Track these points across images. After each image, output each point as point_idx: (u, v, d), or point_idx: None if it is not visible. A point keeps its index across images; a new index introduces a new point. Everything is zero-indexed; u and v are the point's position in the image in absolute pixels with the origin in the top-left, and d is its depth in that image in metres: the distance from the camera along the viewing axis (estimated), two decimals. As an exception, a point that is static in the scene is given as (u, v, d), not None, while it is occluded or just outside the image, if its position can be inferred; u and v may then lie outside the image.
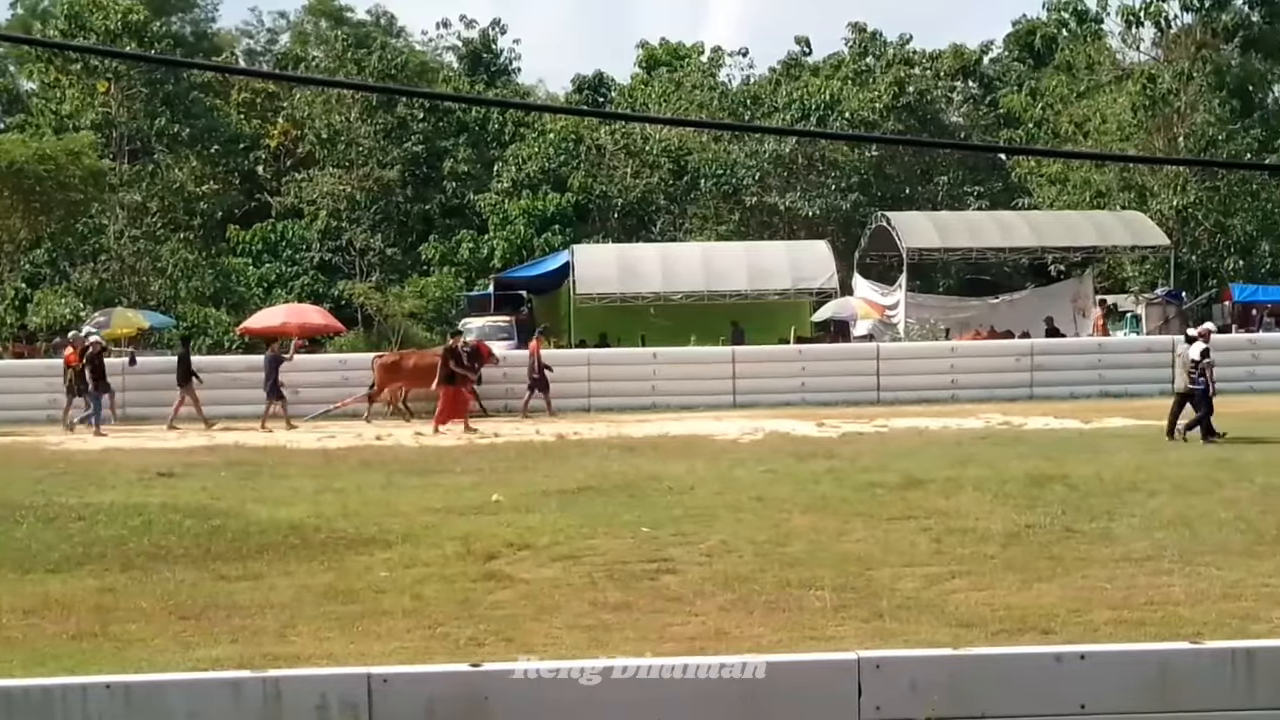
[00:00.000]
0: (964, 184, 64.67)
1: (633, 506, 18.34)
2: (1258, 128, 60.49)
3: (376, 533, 16.69)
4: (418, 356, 34.53)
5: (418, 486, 20.84)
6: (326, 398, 33.65)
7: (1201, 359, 25.46)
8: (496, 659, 10.03)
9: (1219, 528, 16.26)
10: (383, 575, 14.48)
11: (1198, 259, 55.69)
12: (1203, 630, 11.65)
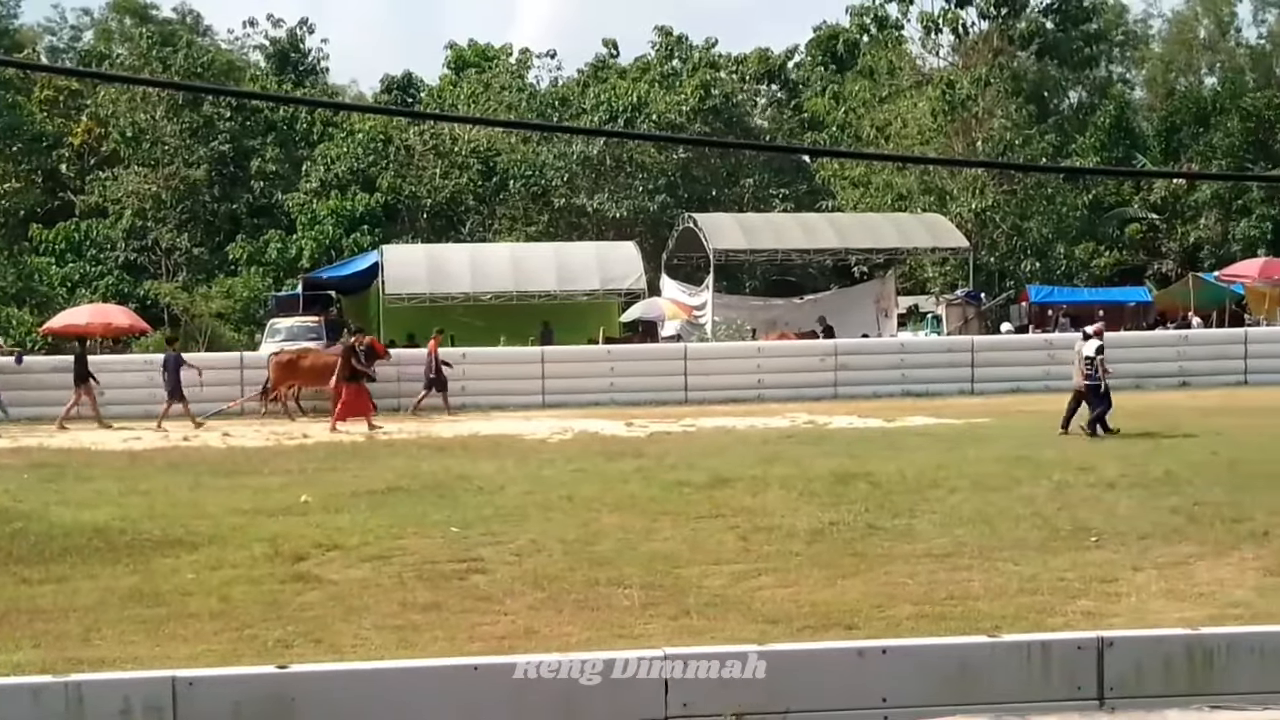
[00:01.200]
0: (769, 186, 65.51)
1: (442, 506, 18.23)
2: (1052, 133, 62.19)
3: (183, 535, 16.36)
4: (314, 355, 34.11)
5: (225, 488, 20.48)
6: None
7: (1096, 356, 25.99)
8: (305, 660, 9.90)
9: (1016, 524, 16.63)
10: (189, 578, 14.21)
11: (996, 261, 57.05)
12: (1001, 624, 11.90)
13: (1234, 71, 78.67)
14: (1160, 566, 14.35)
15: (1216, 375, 34.69)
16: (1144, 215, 65.08)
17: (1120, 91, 76.41)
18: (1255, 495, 18.11)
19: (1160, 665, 8.33)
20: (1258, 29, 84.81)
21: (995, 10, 63.35)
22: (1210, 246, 62.84)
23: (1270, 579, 13.81)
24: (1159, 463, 20.97)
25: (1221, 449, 22.37)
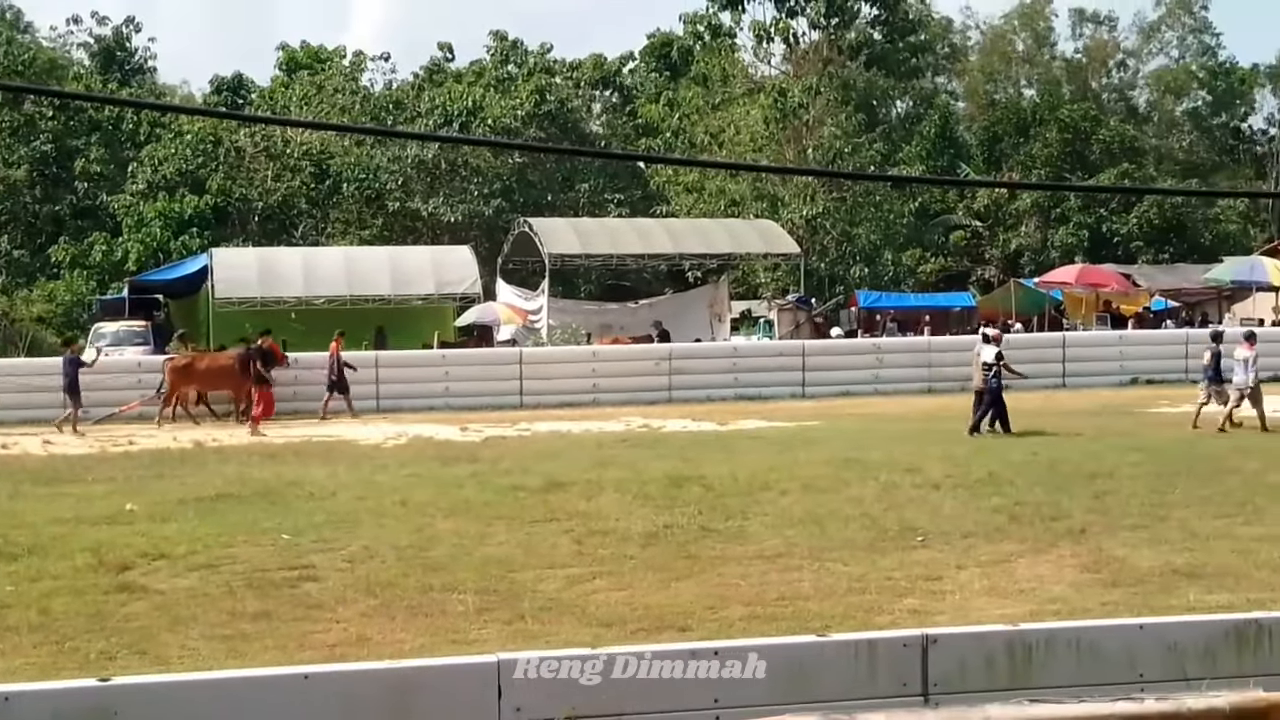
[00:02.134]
0: (604, 191, 65.75)
1: (273, 513, 18.04)
2: (880, 141, 63.21)
3: (1, 545, 16.00)
4: (210, 359, 33.52)
5: (46, 496, 20.05)
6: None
7: (996, 361, 26.49)
8: (129, 673, 9.76)
9: (846, 524, 16.94)
10: (8, 589, 13.93)
11: (826, 266, 57.83)
12: (830, 623, 12.14)
13: (1051, 84, 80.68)
14: (983, 565, 14.73)
15: (1036, 378, 35.42)
16: (968, 223, 66.48)
17: (945, 102, 77.91)
18: (1073, 495, 18.65)
19: (982, 661, 8.57)
20: (1074, 43, 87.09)
21: (825, 21, 64.29)
22: (1030, 253, 64.36)
23: (1087, 575, 14.25)
24: (982, 464, 21.44)
25: (1041, 450, 22.95)
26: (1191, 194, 63.54)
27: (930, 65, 77.47)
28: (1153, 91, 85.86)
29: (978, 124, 75.09)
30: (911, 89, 74.49)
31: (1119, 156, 66.92)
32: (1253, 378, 26.26)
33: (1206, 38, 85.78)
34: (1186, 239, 65.51)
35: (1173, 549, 15.33)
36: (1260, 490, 18.91)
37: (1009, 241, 65.49)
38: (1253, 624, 9.06)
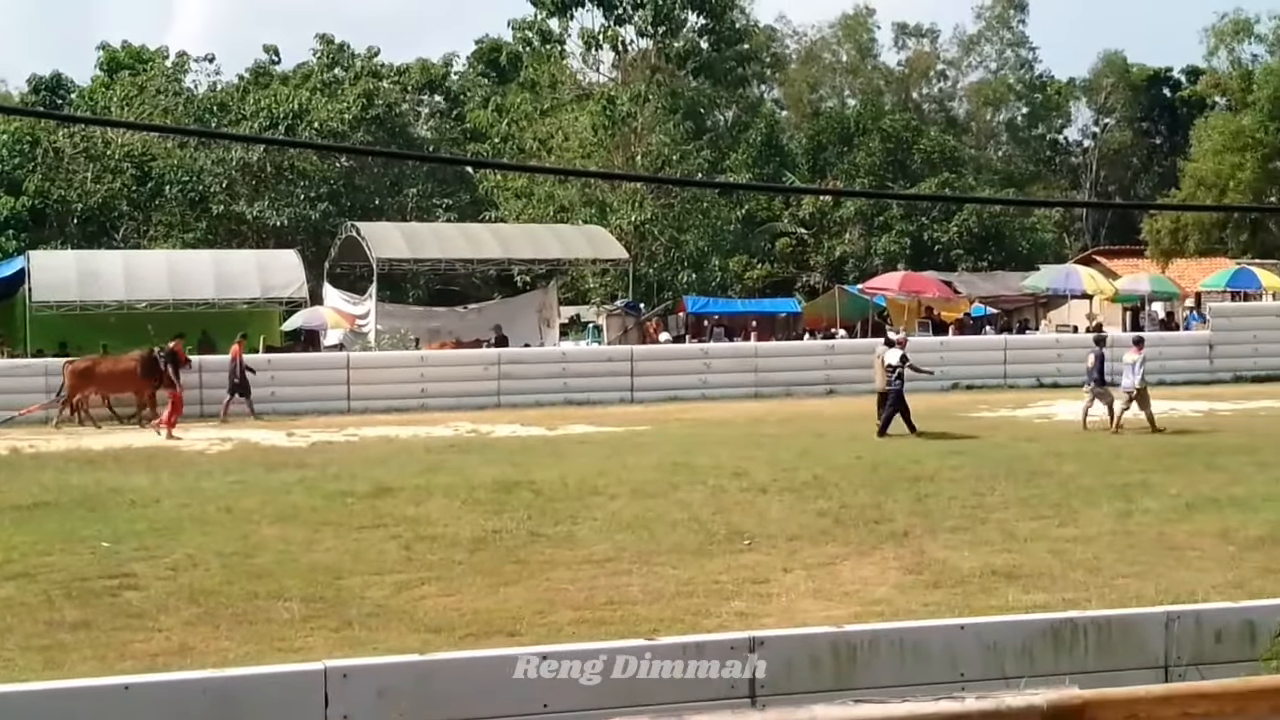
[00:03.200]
0: (433, 196, 65.44)
1: (93, 521, 17.70)
2: (708, 149, 63.73)
3: None
4: (111, 362, 32.62)
5: None
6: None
7: (900, 364, 26.95)
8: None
9: (674, 528, 17.08)
10: None
11: (655, 272, 58.11)
12: (659, 626, 12.25)
13: (873, 94, 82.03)
14: (809, 567, 14.95)
15: (861, 383, 35.92)
16: (793, 230, 67.28)
17: (770, 111, 78.82)
18: (896, 498, 19.01)
19: (808, 662, 8.71)
20: (896, 54, 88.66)
21: (653, 29, 64.64)
22: (854, 260, 65.31)
23: (909, 577, 14.54)
24: (808, 468, 21.74)
25: (865, 453, 23.34)
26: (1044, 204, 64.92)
27: (756, 74, 78.29)
28: (972, 103, 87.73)
29: (802, 133, 76.06)
30: (738, 98, 75.23)
31: (939, 166, 68.23)
32: (1139, 380, 27.13)
33: (1024, 51, 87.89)
34: (1005, 247, 66.96)
35: (992, 550, 15.70)
36: (1075, 493, 19.44)
37: (833, 249, 66.40)
38: (1068, 623, 9.34)
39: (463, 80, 77.20)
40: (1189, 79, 79.82)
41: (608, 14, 64.92)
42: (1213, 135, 48.64)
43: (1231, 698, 7.20)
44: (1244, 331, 37.83)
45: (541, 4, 65.91)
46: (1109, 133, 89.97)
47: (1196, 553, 15.56)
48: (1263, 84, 47.12)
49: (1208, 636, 9.39)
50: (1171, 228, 49.12)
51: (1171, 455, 23.10)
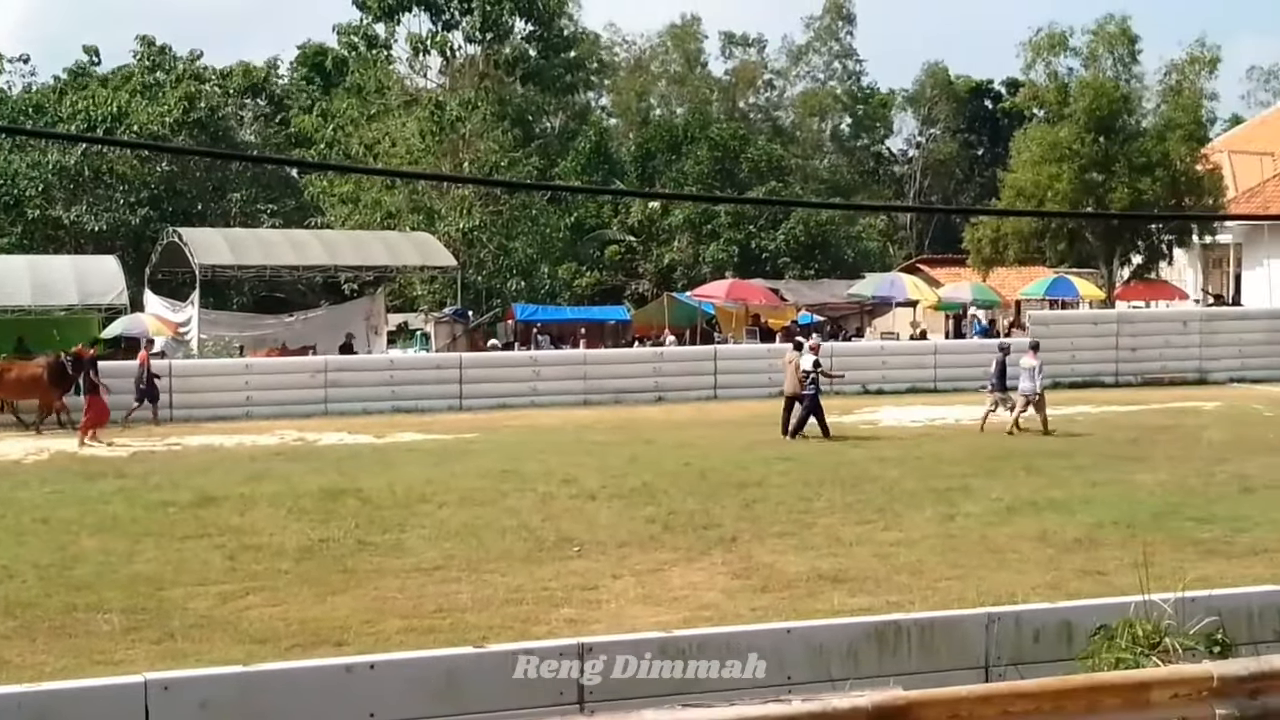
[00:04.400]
0: (257, 202, 64.51)
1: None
2: (537, 156, 63.69)
3: None
4: (19, 368, 31.76)
5: None
6: None
7: (813, 369, 27.48)
8: None
9: (503, 536, 17.06)
10: None
11: (483, 279, 57.88)
12: (488, 634, 12.22)
13: (702, 103, 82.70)
14: (638, 573, 15.02)
15: (689, 390, 36.26)
16: (622, 237, 67.49)
17: (599, 118, 79.05)
18: (724, 503, 19.19)
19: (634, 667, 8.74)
20: (725, 63, 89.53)
21: (482, 35, 64.41)
22: (683, 268, 65.69)
23: (737, 581, 14.67)
24: (637, 474, 21.86)
25: (694, 460, 23.50)
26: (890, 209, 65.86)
27: (585, 82, 78.47)
28: (798, 113, 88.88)
29: (631, 141, 76.39)
30: (566, 105, 75.30)
31: (766, 174, 68.95)
32: (1039, 385, 28.12)
33: (850, 63, 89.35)
34: (831, 255, 67.85)
35: (818, 555, 15.91)
36: (899, 497, 19.79)
37: (662, 256, 66.73)
38: (892, 625, 9.49)
39: (287, 84, 76.23)
40: (1009, 91, 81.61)
41: (435, 19, 64.53)
42: (1031, 146, 49.60)
43: (1049, 696, 7.41)
44: (1062, 339, 38.72)
45: (367, 8, 65.26)
46: (933, 143, 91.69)
47: (1016, 555, 15.91)
48: (1078, 97, 48.21)
49: (1027, 637, 9.60)
50: (992, 237, 50.01)
51: (992, 460, 23.61)
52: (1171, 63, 52.41)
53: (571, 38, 72.12)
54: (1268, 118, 74.04)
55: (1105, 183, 47.14)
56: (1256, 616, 10.07)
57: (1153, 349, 38.15)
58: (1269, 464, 22.89)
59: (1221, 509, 18.59)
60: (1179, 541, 16.44)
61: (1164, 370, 38.19)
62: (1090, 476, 21.69)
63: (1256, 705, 7.59)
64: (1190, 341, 39.33)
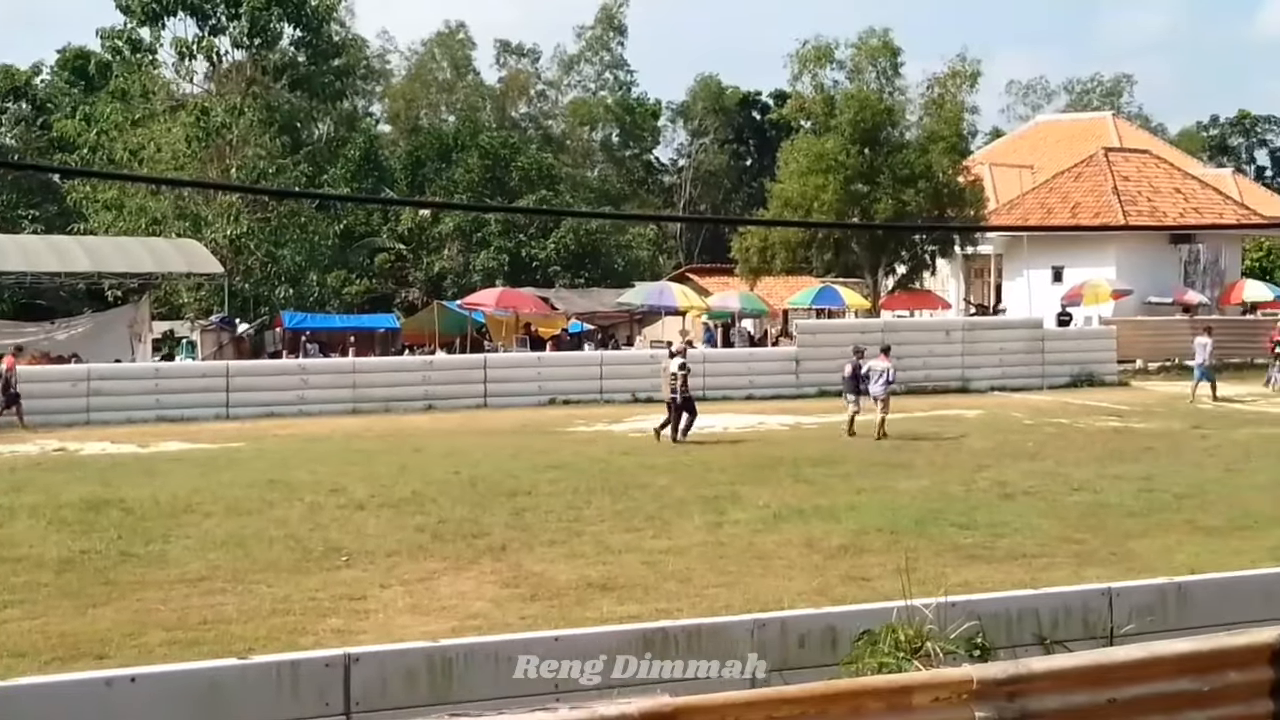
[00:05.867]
0: (18, 207, 62.64)
1: None
2: (305, 163, 62.90)
3: None
4: None
5: None
6: None
7: (680, 371, 28.09)
8: None
9: (270, 546, 16.80)
10: None
11: (251, 287, 56.97)
12: (254, 645, 12.02)
13: (472, 110, 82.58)
14: (407, 583, 14.92)
15: (459, 398, 36.12)
16: (393, 245, 67.04)
17: (368, 125, 78.41)
18: (494, 512, 19.17)
19: (403, 677, 8.68)
20: (496, 71, 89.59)
21: (249, 40, 63.34)
22: (453, 276, 65.53)
23: (507, 590, 14.66)
24: (406, 483, 21.72)
25: (463, 468, 23.43)
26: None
27: (354, 88, 77.77)
28: (570, 122, 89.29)
29: (401, 148, 75.91)
30: (335, 111, 74.52)
31: (537, 183, 69.10)
32: (885, 388, 29.19)
33: (621, 74, 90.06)
34: (601, 264, 68.29)
35: (588, 563, 15.97)
36: (669, 505, 19.96)
37: (433, 264, 66.45)
38: (659, 632, 9.54)
39: (49, 88, 74.08)
40: (777, 103, 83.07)
41: (201, 24, 63.18)
42: (798, 157, 50.47)
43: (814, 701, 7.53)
44: (828, 348, 39.44)
45: (131, 12, 63.61)
46: (702, 153, 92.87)
47: (783, 561, 16.14)
48: (844, 109, 49.23)
49: (792, 642, 9.73)
50: (760, 247, 50.79)
51: (760, 468, 23.94)
52: (933, 76, 53.79)
53: (341, 44, 71.41)
54: (1026, 131, 76.80)
55: (870, 194, 48.24)
56: (1015, 620, 10.33)
57: (916, 358, 39.01)
58: (1028, 470, 23.64)
59: (982, 515, 19.11)
60: (941, 547, 16.85)
61: (927, 379, 39.12)
62: (856, 484, 22.13)
63: (1014, 707, 7.79)
64: (953, 350, 40.41)
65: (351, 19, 75.92)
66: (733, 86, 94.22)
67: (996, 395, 38.16)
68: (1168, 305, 51.34)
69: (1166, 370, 45.70)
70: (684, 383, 28.33)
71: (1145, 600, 10.74)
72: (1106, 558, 16.17)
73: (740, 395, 36.65)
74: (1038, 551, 16.59)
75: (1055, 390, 39.82)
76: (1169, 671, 8.22)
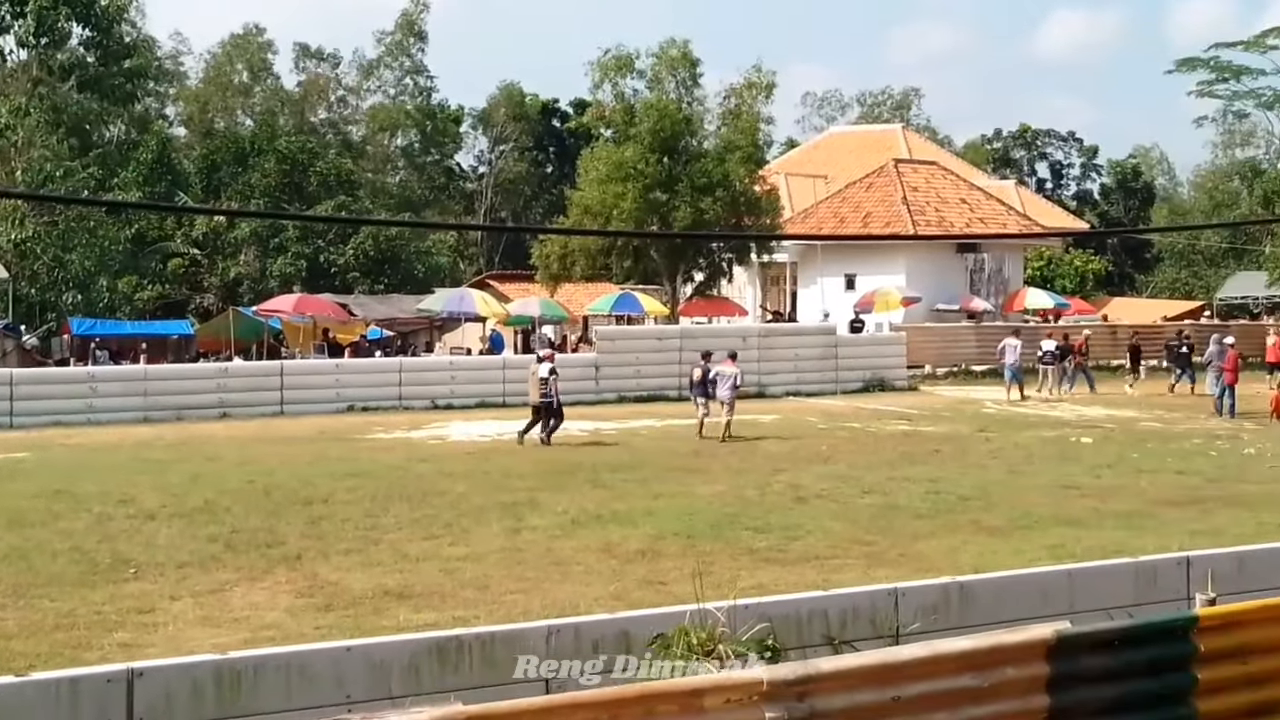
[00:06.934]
0: None
1: None
2: (95, 166, 61.40)
3: None
4: None
5: None
6: None
7: (549, 376, 28.70)
8: None
9: (54, 559, 16.34)
10: None
11: (37, 292, 55.42)
12: (35, 662, 11.69)
13: (269, 115, 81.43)
14: (198, 595, 14.62)
15: (255, 406, 35.53)
16: (187, 250, 65.74)
17: (161, 128, 76.82)
18: (290, 521, 18.90)
19: (190, 691, 8.51)
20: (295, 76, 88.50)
21: (35, 40, 61.65)
22: (250, 281, 64.48)
23: (302, 600, 14.45)
24: (199, 493, 21.31)
25: (258, 477, 23.06)
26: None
27: (147, 90, 76.15)
28: (370, 128, 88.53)
29: (197, 152, 74.52)
30: (127, 114, 72.85)
31: (336, 188, 68.34)
32: (733, 392, 29.94)
33: (422, 79, 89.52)
34: (401, 270, 67.75)
35: (385, 571, 15.81)
36: (467, 512, 19.87)
37: (228, 269, 65.32)
38: (454, 640, 9.50)
39: None
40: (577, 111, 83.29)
41: (-17, 23, 61.45)
42: (598, 165, 50.71)
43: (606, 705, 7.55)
44: (627, 354, 39.68)
45: (-91, 8, 61.59)
46: (503, 160, 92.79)
47: (581, 567, 16.17)
48: (643, 118, 49.58)
49: (586, 647, 9.75)
50: (560, 253, 50.96)
51: (559, 474, 23.96)
52: (730, 87, 54.46)
53: (133, 45, 69.84)
54: (820, 142, 78.18)
55: (669, 202, 48.61)
56: (805, 621, 10.49)
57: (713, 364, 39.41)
58: (821, 474, 24.01)
59: (776, 518, 19.35)
60: (736, 550, 17.01)
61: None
62: (653, 489, 22.26)
63: (804, 707, 7.90)
64: (749, 356, 40.84)
65: (143, 20, 74.28)
66: (533, 94, 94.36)
67: (792, 400, 38.70)
68: (955, 312, 52.65)
69: (954, 375, 46.82)
70: (554, 387, 28.87)
71: (930, 599, 10.98)
72: (895, 558, 16.49)
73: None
74: (829, 553, 16.85)
75: (848, 395, 40.56)
76: (951, 669, 8.41)
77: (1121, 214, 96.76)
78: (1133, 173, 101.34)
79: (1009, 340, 40.41)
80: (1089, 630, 9.26)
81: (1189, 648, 9.24)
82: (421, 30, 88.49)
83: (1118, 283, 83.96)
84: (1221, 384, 35.59)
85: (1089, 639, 9.08)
